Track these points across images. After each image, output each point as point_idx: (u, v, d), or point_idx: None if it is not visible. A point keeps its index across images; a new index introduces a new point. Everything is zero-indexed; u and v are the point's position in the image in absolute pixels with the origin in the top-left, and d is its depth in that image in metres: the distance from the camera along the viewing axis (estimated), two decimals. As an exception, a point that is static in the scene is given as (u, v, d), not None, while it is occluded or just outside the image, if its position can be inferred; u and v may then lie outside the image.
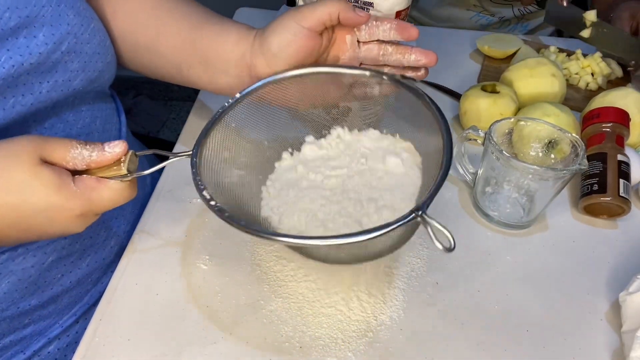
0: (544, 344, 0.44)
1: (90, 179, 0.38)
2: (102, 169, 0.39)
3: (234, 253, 0.49)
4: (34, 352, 0.50)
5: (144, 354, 0.41)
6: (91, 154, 0.38)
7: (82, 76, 0.47)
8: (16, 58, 0.40)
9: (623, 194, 0.53)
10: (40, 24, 0.42)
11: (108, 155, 0.38)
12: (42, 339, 0.50)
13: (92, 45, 0.47)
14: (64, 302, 0.51)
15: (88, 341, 0.42)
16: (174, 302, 0.45)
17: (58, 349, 0.52)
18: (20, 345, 0.49)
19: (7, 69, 0.40)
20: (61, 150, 0.37)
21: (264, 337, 0.43)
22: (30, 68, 0.42)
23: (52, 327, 0.51)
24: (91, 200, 0.38)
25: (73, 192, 0.37)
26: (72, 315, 0.52)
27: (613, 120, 0.56)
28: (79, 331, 0.53)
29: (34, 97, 0.43)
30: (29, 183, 0.35)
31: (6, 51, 0.40)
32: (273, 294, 0.45)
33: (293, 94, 0.48)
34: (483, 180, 0.54)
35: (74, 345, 0.52)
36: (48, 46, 0.42)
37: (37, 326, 0.50)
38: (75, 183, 0.37)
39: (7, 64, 0.40)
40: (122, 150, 0.39)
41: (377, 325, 0.44)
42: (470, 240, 0.52)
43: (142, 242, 0.50)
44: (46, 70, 0.43)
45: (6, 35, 0.39)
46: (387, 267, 0.47)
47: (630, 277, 0.46)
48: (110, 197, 0.38)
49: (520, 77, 0.65)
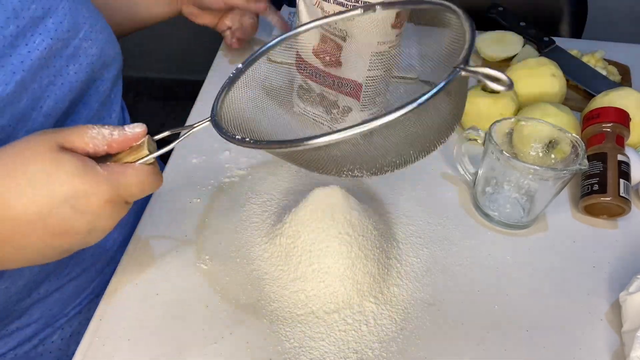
0: (544, 344, 0.44)
1: (115, 164, 0.36)
2: (123, 154, 0.37)
3: (234, 253, 0.49)
4: (39, 340, 0.51)
5: (144, 354, 0.41)
6: (112, 132, 0.36)
7: (100, 61, 0.51)
8: (47, 41, 0.45)
9: (623, 194, 0.53)
10: (62, 14, 0.46)
11: (129, 134, 0.36)
12: (47, 328, 0.51)
13: (104, 34, 0.52)
14: (69, 290, 0.51)
15: (88, 341, 0.42)
16: (174, 302, 0.45)
17: (62, 339, 0.52)
18: (25, 332, 0.50)
19: (41, 51, 0.44)
20: (79, 133, 0.35)
21: (264, 337, 0.43)
22: (56, 51, 0.46)
23: (57, 316, 0.52)
24: (119, 184, 0.35)
25: (99, 176, 0.34)
26: (77, 305, 0.53)
27: (613, 120, 0.56)
28: (82, 322, 0.54)
29: (63, 77, 0.47)
30: (51, 172, 0.33)
31: (39, 35, 0.44)
32: (273, 294, 0.45)
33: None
34: (483, 180, 0.54)
35: (77, 335, 0.53)
36: (70, 32, 0.47)
37: (43, 315, 0.50)
38: (101, 167, 0.35)
39: (41, 46, 0.44)
40: (142, 130, 0.37)
41: (377, 326, 0.44)
42: (470, 240, 0.52)
43: (142, 242, 0.50)
44: (70, 55, 0.48)
45: (37, 23, 0.44)
46: (387, 267, 0.47)
47: (630, 277, 0.46)
48: (138, 181, 0.36)
49: (520, 77, 0.65)
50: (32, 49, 0.44)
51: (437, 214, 0.55)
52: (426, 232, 0.52)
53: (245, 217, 0.52)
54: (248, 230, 0.51)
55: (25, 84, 0.43)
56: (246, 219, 0.52)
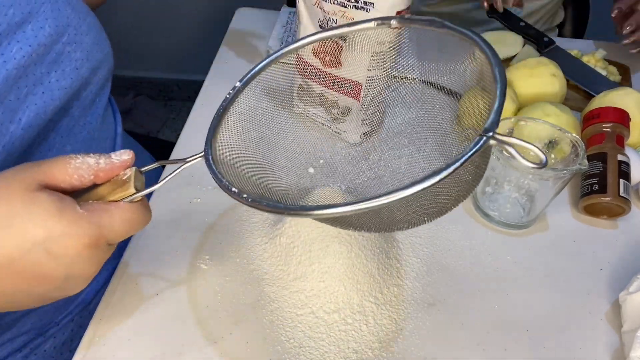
0: (544, 344, 0.44)
1: (98, 203, 0.33)
2: (107, 192, 0.34)
3: (234, 253, 0.49)
4: (30, 350, 0.50)
5: (144, 354, 0.41)
6: (98, 161, 0.33)
7: (87, 65, 0.49)
8: (26, 48, 0.43)
9: (623, 194, 0.53)
10: (44, 18, 0.44)
11: (117, 162, 0.33)
12: (39, 337, 0.51)
13: (90, 36, 0.49)
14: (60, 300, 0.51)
15: (88, 341, 0.42)
16: (174, 302, 0.45)
17: (54, 347, 0.52)
18: (17, 342, 0.49)
19: (18, 59, 0.42)
20: (61, 165, 0.32)
21: (264, 337, 0.43)
22: (37, 58, 0.44)
23: (48, 325, 0.51)
24: (101, 225, 0.31)
25: (78, 215, 0.31)
26: (69, 313, 0.52)
27: (613, 120, 0.56)
28: (74, 329, 0.53)
29: (44, 86, 0.44)
30: (24, 213, 0.30)
31: (16, 42, 0.42)
32: (273, 294, 0.45)
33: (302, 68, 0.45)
34: (483, 180, 0.54)
35: (70, 343, 0.53)
36: (52, 37, 0.45)
37: (34, 325, 0.50)
38: (80, 207, 0.32)
39: (19, 55, 0.42)
40: (129, 157, 0.34)
41: (377, 326, 0.44)
42: (470, 240, 0.52)
43: (141, 242, 0.50)
44: (52, 61, 0.45)
45: (14, 29, 0.42)
46: (387, 267, 0.47)
47: (630, 277, 0.46)
48: (122, 219, 0.32)
49: (520, 77, 0.65)
50: (8, 59, 0.41)
51: (437, 214, 0.55)
52: (426, 232, 0.52)
53: (245, 217, 0.52)
54: (248, 230, 0.51)
55: (0, 96, 0.40)
56: (246, 219, 0.52)
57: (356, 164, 0.52)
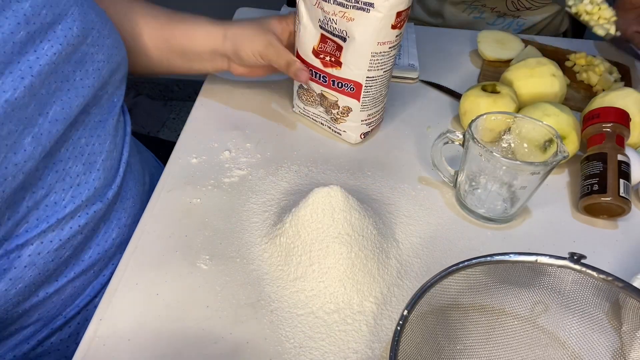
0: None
1: None
2: None
3: (234, 253, 0.49)
4: (37, 342, 0.51)
5: (144, 354, 0.41)
6: None
7: (107, 67, 0.52)
8: (56, 47, 0.46)
9: (623, 194, 0.53)
10: (72, 20, 0.48)
11: None
12: (45, 329, 0.51)
13: (110, 40, 0.53)
14: (67, 293, 0.51)
15: (88, 341, 0.42)
16: (174, 302, 0.45)
17: (60, 340, 0.53)
18: (24, 334, 0.50)
19: (50, 56, 0.45)
20: None
21: (264, 337, 0.43)
22: (65, 57, 0.47)
23: (55, 318, 0.52)
24: None
25: None
26: (75, 306, 0.53)
27: (613, 120, 0.56)
28: (80, 322, 0.54)
29: (70, 83, 0.48)
30: None
31: (48, 41, 0.45)
32: (273, 294, 0.45)
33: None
34: (466, 177, 0.54)
35: (75, 336, 0.53)
36: (79, 38, 0.48)
37: (42, 317, 0.50)
38: None
39: (50, 52, 0.45)
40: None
41: (377, 326, 0.44)
42: (471, 240, 0.52)
43: (142, 242, 0.50)
44: (78, 60, 0.49)
45: (46, 29, 0.45)
46: (387, 267, 0.47)
47: (630, 277, 0.46)
48: None
49: (520, 77, 0.65)
50: (40, 55, 0.44)
51: (437, 214, 0.55)
52: (426, 232, 0.52)
53: (245, 217, 0.52)
54: (248, 230, 0.51)
55: (34, 89, 0.43)
56: (246, 219, 0.52)
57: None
